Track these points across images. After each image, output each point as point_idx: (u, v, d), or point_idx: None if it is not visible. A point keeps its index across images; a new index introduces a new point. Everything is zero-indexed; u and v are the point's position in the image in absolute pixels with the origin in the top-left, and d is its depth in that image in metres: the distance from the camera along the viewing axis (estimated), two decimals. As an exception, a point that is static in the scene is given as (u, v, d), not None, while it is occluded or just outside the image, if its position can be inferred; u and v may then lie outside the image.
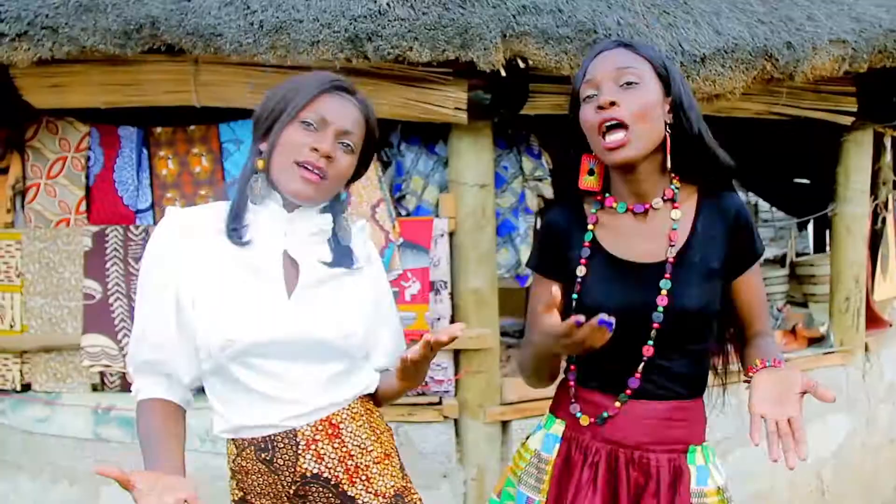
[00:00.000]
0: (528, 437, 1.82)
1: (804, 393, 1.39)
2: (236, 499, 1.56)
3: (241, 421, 1.50)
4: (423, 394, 3.11)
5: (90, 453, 3.17)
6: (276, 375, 1.48)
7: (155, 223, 3.21)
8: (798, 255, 5.56)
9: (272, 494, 1.51)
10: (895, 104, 3.72)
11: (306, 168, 1.47)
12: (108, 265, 3.15)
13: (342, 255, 1.59)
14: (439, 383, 3.10)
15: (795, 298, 5.04)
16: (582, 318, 1.36)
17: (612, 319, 1.35)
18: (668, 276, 1.58)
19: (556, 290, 1.42)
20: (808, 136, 4.18)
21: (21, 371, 3.26)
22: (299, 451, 1.49)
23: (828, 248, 5.19)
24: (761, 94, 3.34)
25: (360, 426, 1.57)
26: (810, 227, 6.39)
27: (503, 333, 3.23)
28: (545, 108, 3.04)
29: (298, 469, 1.49)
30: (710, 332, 1.68)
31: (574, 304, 1.64)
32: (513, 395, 3.14)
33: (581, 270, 1.65)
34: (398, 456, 1.67)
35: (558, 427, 1.72)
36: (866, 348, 4.14)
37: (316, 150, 1.47)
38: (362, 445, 1.55)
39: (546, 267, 1.74)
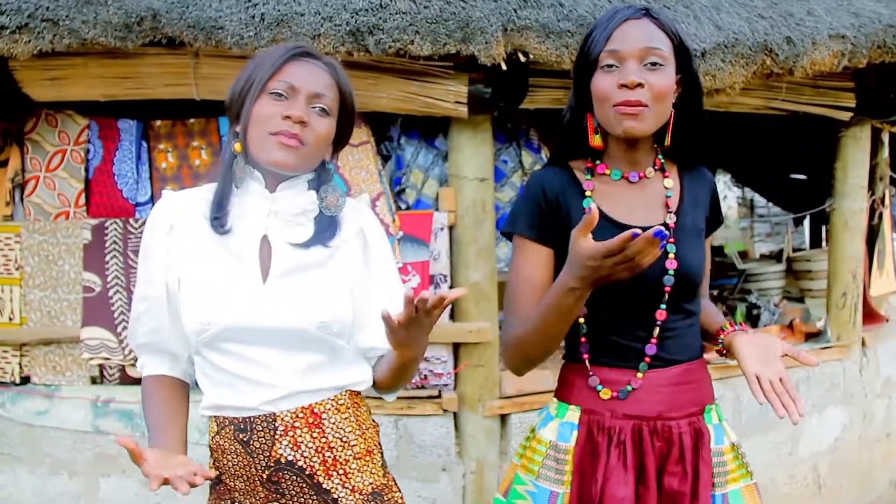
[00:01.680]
0: (535, 430, 1.76)
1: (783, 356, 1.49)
2: (212, 477, 1.54)
3: (221, 401, 1.50)
4: (423, 387, 3.12)
5: (89, 446, 3.17)
6: (253, 360, 1.48)
7: (155, 216, 3.21)
8: (795, 250, 5.58)
9: (246, 477, 1.50)
10: (893, 100, 3.73)
11: (283, 136, 1.44)
12: (107, 258, 3.15)
13: (322, 231, 1.53)
14: (438, 377, 3.10)
15: (792, 293, 5.06)
16: (638, 230, 1.31)
17: (667, 233, 1.34)
18: (672, 240, 1.61)
19: (594, 206, 1.37)
20: (806, 131, 4.19)
21: (20, 364, 3.26)
22: (276, 437, 1.47)
23: (824, 243, 5.21)
24: (760, 88, 3.35)
25: (345, 419, 1.54)
26: (807, 222, 6.42)
27: (502, 327, 3.23)
28: (545, 103, 3.04)
29: (273, 454, 1.47)
30: (700, 291, 1.72)
31: None
32: (512, 389, 3.15)
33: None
34: (381, 453, 1.63)
35: (573, 414, 1.67)
36: (863, 343, 4.16)
37: (288, 117, 1.43)
38: (344, 439, 1.53)
39: (540, 232, 1.64)
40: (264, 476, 1.48)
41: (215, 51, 2.72)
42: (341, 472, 1.51)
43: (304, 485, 1.49)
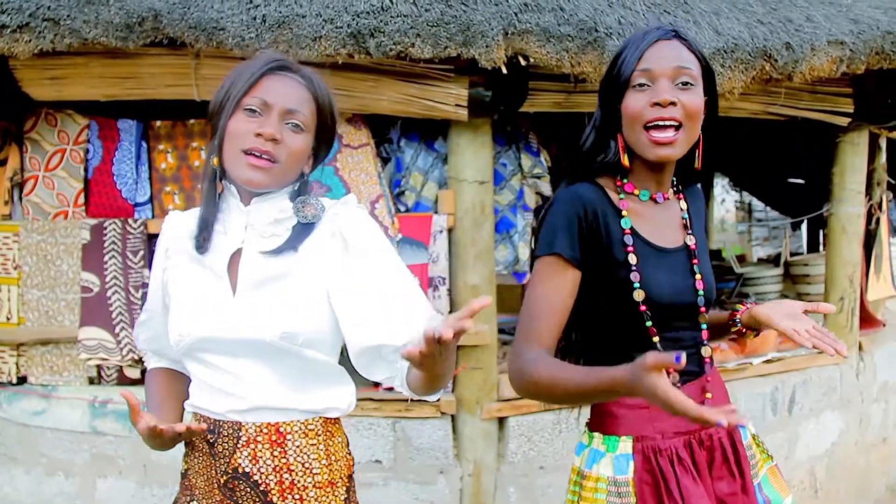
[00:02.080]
0: (582, 470, 1.68)
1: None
2: (182, 470, 1.59)
3: (200, 402, 1.53)
4: (421, 389, 3.12)
5: (86, 446, 3.17)
6: (223, 370, 1.49)
7: (153, 217, 3.21)
8: (792, 254, 5.59)
9: (206, 477, 1.51)
10: (891, 106, 3.75)
11: (254, 155, 1.43)
12: (106, 258, 3.15)
13: (293, 239, 1.49)
14: (437, 379, 3.10)
15: (790, 298, 5.06)
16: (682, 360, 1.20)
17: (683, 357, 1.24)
18: (695, 261, 1.66)
19: (684, 357, 1.20)
20: (804, 136, 4.20)
21: (17, 364, 3.26)
22: (238, 445, 1.47)
23: (822, 247, 5.22)
24: (759, 94, 3.36)
25: (312, 445, 1.50)
26: (804, 226, 6.43)
27: (501, 330, 3.23)
28: (545, 106, 3.04)
29: (233, 462, 1.48)
30: None
31: (634, 292, 1.57)
32: (510, 392, 3.15)
33: (633, 258, 1.58)
34: (348, 489, 1.56)
35: (625, 445, 1.64)
36: (860, 348, 4.17)
37: (260, 134, 1.43)
38: (306, 465, 1.49)
39: (580, 252, 1.56)
40: (222, 480, 1.49)
41: (216, 52, 2.73)
42: (297, 497, 1.48)
43: (257, 499, 1.48)
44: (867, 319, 4.33)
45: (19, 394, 3.23)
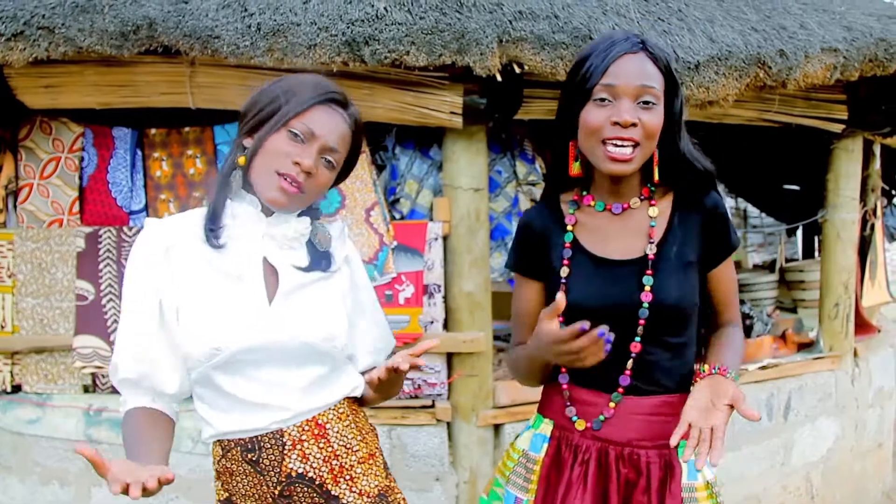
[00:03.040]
0: (516, 438, 1.83)
1: (732, 406, 1.49)
2: (221, 499, 1.56)
3: (229, 427, 1.51)
4: (416, 397, 3.12)
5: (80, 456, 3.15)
6: (262, 381, 1.49)
7: (149, 224, 3.20)
8: (787, 260, 5.59)
9: (257, 496, 1.51)
10: (885, 112, 3.76)
11: (286, 179, 1.46)
12: (100, 266, 3.15)
13: (319, 259, 1.59)
14: (432, 386, 3.10)
15: (785, 304, 5.07)
16: (587, 324, 1.38)
17: (612, 336, 1.39)
18: (649, 272, 1.61)
19: (560, 296, 1.45)
20: (799, 142, 4.21)
21: (12, 372, 3.25)
22: (285, 452, 1.49)
23: (817, 253, 5.23)
24: (753, 101, 3.36)
25: (347, 426, 1.58)
26: (799, 233, 6.44)
27: (496, 337, 3.23)
28: (539, 114, 3.05)
29: (284, 469, 1.49)
30: (691, 324, 1.69)
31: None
32: (505, 399, 3.15)
33: (564, 271, 1.66)
34: (382, 455, 1.68)
35: (546, 427, 1.74)
36: (855, 353, 4.17)
37: (298, 164, 1.46)
38: (348, 445, 1.57)
39: (525, 267, 1.77)
40: (276, 492, 1.50)
41: (211, 60, 2.73)
42: (347, 477, 1.55)
43: (315, 494, 1.51)
44: (862, 325, 4.34)
45: (14, 402, 3.22)
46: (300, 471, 1.50)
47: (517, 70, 2.75)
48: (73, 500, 3.17)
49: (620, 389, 1.63)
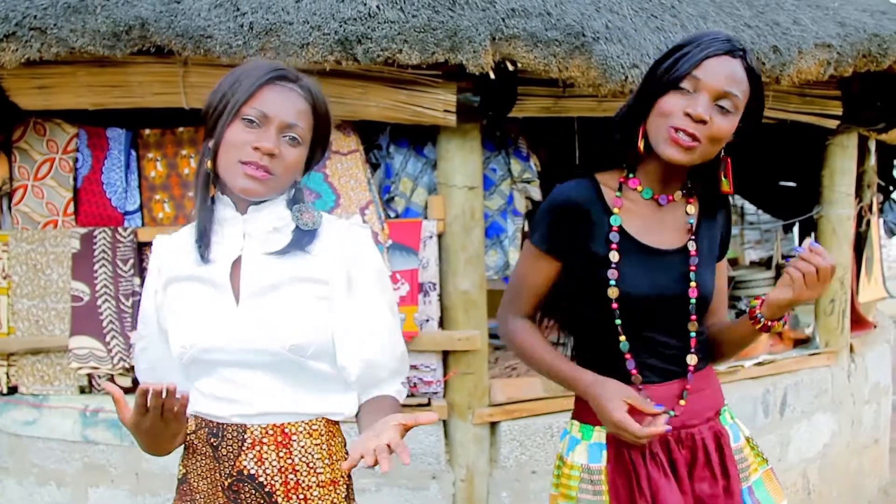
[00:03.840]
0: (563, 457, 1.75)
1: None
2: (179, 476, 1.57)
3: (201, 408, 1.52)
4: (412, 395, 3.12)
5: (78, 456, 3.16)
6: (229, 380, 1.49)
7: (143, 225, 3.20)
8: (784, 257, 5.59)
9: (210, 480, 1.51)
10: (879, 108, 3.76)
11: (250, 167, 1.44)
12: (95, 267, 3.14)
13: (299, 239, 1.51)
14: (428, 385, 3.10)
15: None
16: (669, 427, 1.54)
17: (670, 427, 1.55)
18: (693, 267, 1.66)
19: (663, 418, 1.58)
20: (794, 139, 4.21)
21: (7, 374, 3.25)
22: (243, 448, 1.48)
23: (813, 250, 5.22)
24: (747, 97, 3.36)
25: (316, 445, 1.51)
26: (796, 229, 6.44)
27: (492, 335, 3.23)
28: (533, 111, 3.05)
29: (237, 464, 1.48)
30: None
31: (609, 289, 1.62)
32: (501, 397, 3.15)
33: (614, 256, 1.62)
34: (348, 486, 1.58)
35: (599, 434, 1.69)
36: (851, 349, 4.18)
37: (257, 148, 1.43)
38: (311, 464, 1.51)
39: (558, 245, 1.67)
40: (226, 483, 1.49)
41: (204, 59, 2.73)
42: (301, 497, 1.49)
43: (263, 501, 1.48)
44: (858, 321, 4.35)
45: (10, 404, 3.22)
46: (252, 472, 1.48)
47: (510, 68, 2.75)
48: (71, 501, 3.16)
49: (688, 386, 1.68)
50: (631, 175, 1.68)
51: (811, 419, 3.92)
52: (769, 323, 1.61)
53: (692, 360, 1.68)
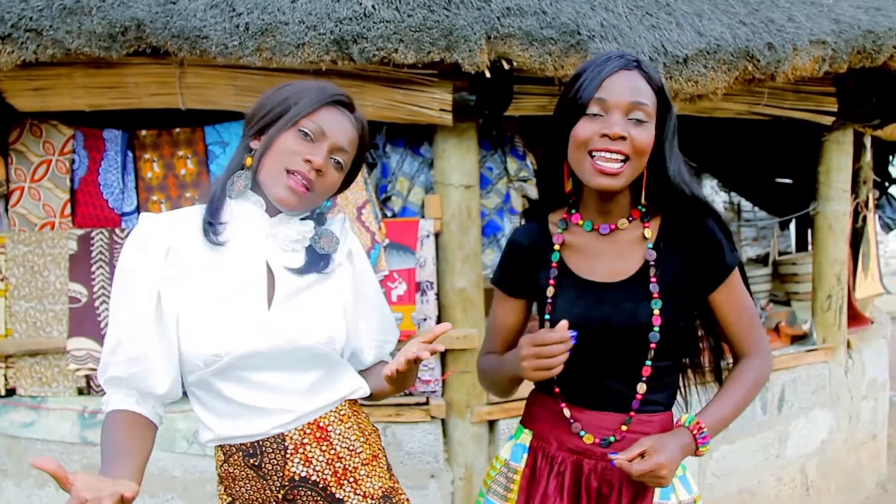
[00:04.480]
0: (502, 448, 1.85)
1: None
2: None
3: (230, 432, 1.50)
4: (411, 394, 3.12)
5: (77, 457, 3.16)
6: (262, 386, 1.49)
7: (140, 226, 3.20)
8: (780, 253, 5.61)
9: (261, 500, 1.51)
10: (874, 104, 3.77)
11: (295, 178, 1.46)
12: (93, 268, 3.15)
13: (317, 261, 1.57)
14: (426, 383, 3.11)
15: (778, 297, 5.09)
16: (571, 332, 1.47)
17: (574, 333, 1.49)
18: (656, 294, 1.59)
19: (564, 323, 1.48)
20: (790, 135, 4.22)
21: (6, 375, 3.24)
22: (287, 456, 1.49)
23: (810, 246, 5.24)
24: (743, 94, 3.37)
25: (349, 428, 1.58)
26: (792, 225, 6.45)
27: (489, 333, 3.24)
28: (529, 110, 3.05)
29: (287, 473, 1.49)
30: (675, 348, 1.65)
31: (545, 323, 1.67)
32: (499, 395, 3.16)
33: (550, 290, 1.67)
34: (385, 456, 1.68)
35: (526, 437, 1.75)
36: (848, 345, 4.19)
37: (309, 161, 1.46)
38: (351, 447, 1.56)
39: (510, 284, 1.79)
40: (280, 496, 1.50)
41: (200, 60, 2.73)
42: (351, 479, 1.55)
43: (319, 497, 1.51)
44: (855, 317, 4.36)
45: (8, 406, 3.22)
46: (303, 474, 1.50)
47: (506, 66, 2.75)
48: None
49: (632, 414, 1.62)
50: (574, 210, 1.71)
51: (809, 415, 3.92)
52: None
53: (640, 388, 1.61)
